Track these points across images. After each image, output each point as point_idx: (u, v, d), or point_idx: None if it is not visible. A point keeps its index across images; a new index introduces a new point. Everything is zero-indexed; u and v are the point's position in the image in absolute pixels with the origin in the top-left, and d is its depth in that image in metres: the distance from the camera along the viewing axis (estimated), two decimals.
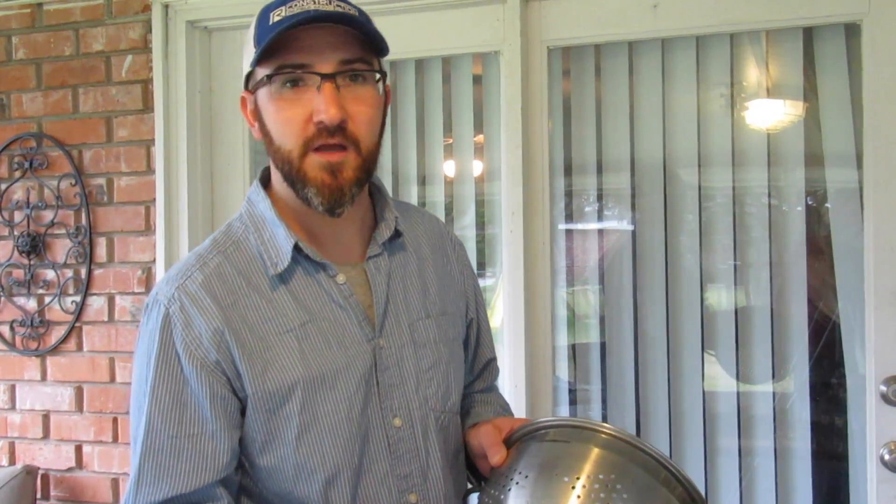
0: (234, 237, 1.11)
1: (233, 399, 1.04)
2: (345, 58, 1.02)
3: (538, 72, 2.11)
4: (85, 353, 2.38)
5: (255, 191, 1.14)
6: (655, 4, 2.02)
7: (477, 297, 1.33)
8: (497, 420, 1.14)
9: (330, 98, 1.00)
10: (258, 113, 1.07)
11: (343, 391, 1.06)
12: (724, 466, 2.08)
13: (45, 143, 2.41)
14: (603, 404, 2.19)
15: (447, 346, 1.19)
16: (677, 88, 2.10)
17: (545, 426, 1.04)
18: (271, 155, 1.07)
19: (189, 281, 1.06)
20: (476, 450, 1.13)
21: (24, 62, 2.43)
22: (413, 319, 1.15)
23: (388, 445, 1.09)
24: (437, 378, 1.16)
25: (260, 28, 1.03)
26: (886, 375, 1.86)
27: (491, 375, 1.38)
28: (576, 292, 2.24)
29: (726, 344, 2.08)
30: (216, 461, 1.03)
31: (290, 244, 1.07)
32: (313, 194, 1.03)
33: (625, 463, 0.95)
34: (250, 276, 1.07)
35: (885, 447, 1.87)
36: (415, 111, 2.30)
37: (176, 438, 1.02)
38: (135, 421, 1.05)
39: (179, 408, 1.02)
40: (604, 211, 2.22)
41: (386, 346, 1.11)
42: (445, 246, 1.28)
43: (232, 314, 1.04)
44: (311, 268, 1.09)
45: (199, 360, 1.02)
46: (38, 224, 2.41)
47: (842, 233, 1.99)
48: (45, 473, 2.40)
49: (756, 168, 2.06)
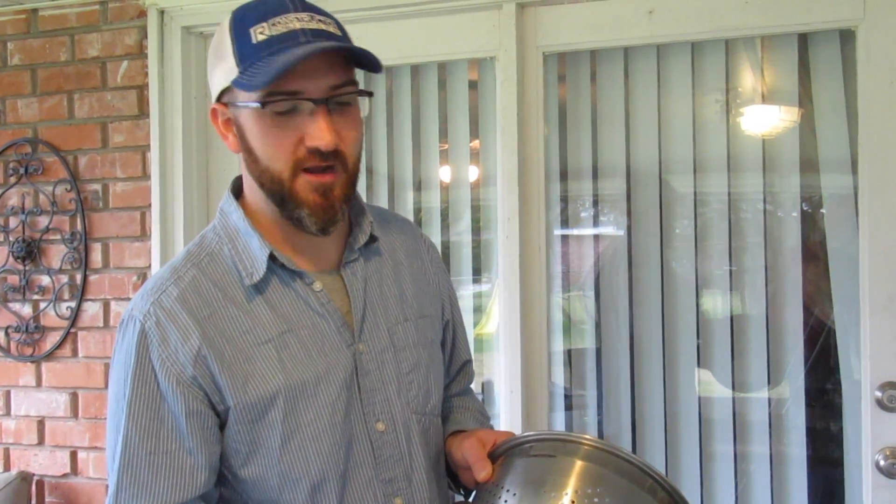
0: (207, 249, 1.11)
1: (210, 414, 1.04)
2: (335, 83, 1.02)
3: (534, 77, 2.11)
4: (80, 359, 2.37)
5: (227, 201, 1.13)
6: (651, 11, 2.02)
7: (452, 299, 1.33)
8: (480, 433, 1.14)
9: (325, 125, 1.00)
10: (239, 129, 1.06)
11: (325, 398, 1.06)
12: (720, 472, 2.08)
13: (41, 148, 2.41)
14: (598, 410, 2.19)
15: (426, 349, 1.20)
16: (673, 94, 2.10)
17: (529, 440, 1.04)
18: (255, 173, 1.06)
19: (164, 295, 1.05)
20: (459, 462, 1.13)
21: (19, 68, 2.43)
22: (392, 323, 1.15)
23: (373, 450, 1.09)
24: (418, 381, 1.16)
25: (240, 44, 1.01)
26: (882, 381, 1.86)
27: (466, 378, 1.38)
28: (571, 298, 2.24)
29: (721, 349, 2.08)
30: (195, 477, 1.02)
31: (264, 254, 1.07)
32: (306, 215, 1.03)
33: (609, 474, 0.96)
34: (226, 288, 1.07)
35: (880, 453, 1.86)
36: (410, 116, 2.31)
37: (154, 455, 1.01)
38: (112, 437, 1.04)
39: (156, 424, 1.02)
40: (599, 216, 2.22)
41: (366, 350, 1.11)
42: (420, 248, 1.29)
43: (209, 327, 1.04)
44: (286, 277, 1.09)
45: (176, 376, 1.02)
46: (34, 230, 2.41)
47: (837, 238, 2.00)
48: (40, 479, 2.40)
49: (751, 174, 2.06)
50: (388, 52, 2.21)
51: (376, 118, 2.33)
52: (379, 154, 2.33)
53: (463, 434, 1.19)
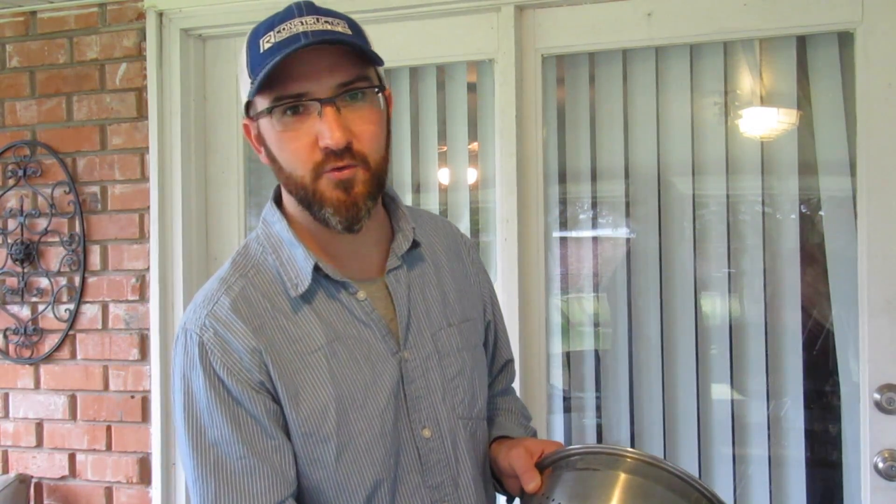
0: (253, 259, 1.11)
1: (282, 413, 1.04)
2: (342, 80, 1.01)
3: (532, 80, 2.11)
4: (79, 362, 2.37)
5: (270, 211, 1.13)
6: (649, 13, 2.02)
7: (493, 299, 1.33)
8: (527, 443, 1.14)
9: (333, 123, 0.99)
10: (263, 140, 1.06)
11: (374, 407, 1.06)
12: (719, 474, 2.08)
13: (39, 150, 2.40)
14: (597, 412, 2.19)
15: (470, 353, 1.20)
16: (671, 96, 2.10)
17: (576, 453, 1.05)
18: (282, 180, 1.06)
19: (217, 306, 1.05)
20: (506, 470, 1.14)
21: (17, 70, 2.43)
22: (435, 329, 1.15)
23: (419, 457, 1.10)
24: (463, 386, 1.16)
25: (252, 56, 1.02)
26: (880, 383, 1.87)
27: (508, 377, 1.38)
28: (570, 300, 2.24)
29: (721, 351, 2.08)
30: (287, 473, 1.03)
31: (309, 264, 1.06)
32: (330, 214, 1.02)
33: (654, 487, 0.97)
34: (273, 299, 1.07)
35: (878, 455, 1.87)
36: (409, 119, 2.31)
37: (245, 459, 1.01)
38: (194, 461, 1.03)
39: (239, 429, 1.01)
40: (598, 219, 2.22)
41: (410, 358, 1.11)
42: (460, 250, 1.28)
43: (261, 337, 1.04)
44: (331, 287, 1.08)
45: (245, 381, 1.02)
46: (32, 232, 2.41)
47: (835, 240, 2.00)
48: (39, 482, 2.40)
49: (750, 176, 2.06)
50: (387, 54, 2.19)
51: None
52: None
53: (510, 442, 1.18)
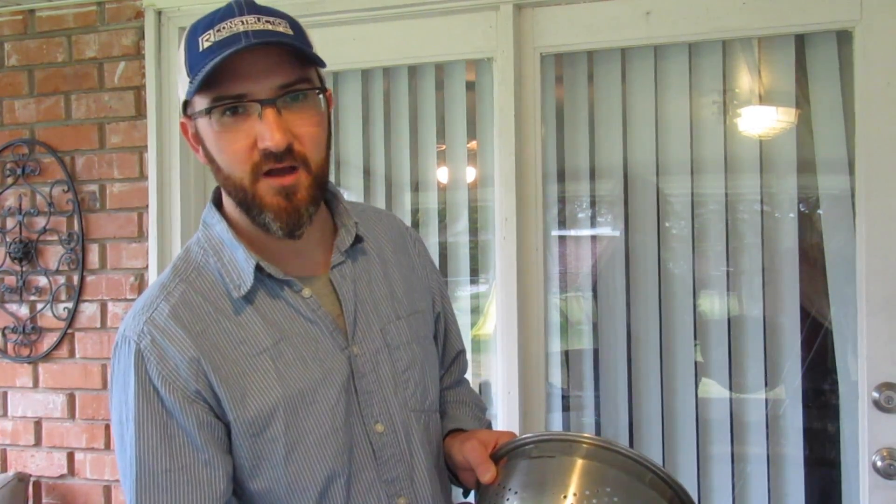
0: (194, 262, 1.09)
1: (219, 424, 1.03)
2: (283, 82, 0.99)
3: (531, 78, 2.11)
4: (77, 360, 2.37)
5: (209, 213, 1.12)
6: (648, 12, 2.02)
7: (441, 290, 1.33)
8: (480, 434, 1.14)
9: (273, 124, 0.98)
10: (201, 139, 1.05)
11: (324, 404, 1.05)
12: (717, 473, 2.08)
13: (38, 149, 2.40)
14: (596, 411, 2.19)
15: (420, 346, 1.19)
16: (670, 95, 2.10)
17: (530, 441, 1.05)
18: (221, 181, 1.05)
19: (156, 313, 1.04)
20: (461, 464, 1.13)
21: (16, 69, 2.43)
22: (384, 323, 1.15)
23: (373, 452, 1.09)
24: (415, 378, 1.16)
25: (190, 54, 1.01)
26: (879, 382, 1.87)
27: (460, 368, 1.38)
28: (569, 298, 2.24)
29: (719, 350, 2.08)
30: (213, 488, 1.01)
31: (251, 265, 1.05)
32: (271, 220, 1.02)
33: (610, 470, 0.97)
34: (216, 301, 1.06)
35: (877, 454, 1.87)
36: (408, 117, 2.30)
37: (170, 472, 0.99)
38: (123, 463, 1.03)
39: (167, 441, 1.00)
40: (597, 217, 2.22)
41: (360, 352, 1.10)
42: (406, 243, 1.28)
43: (204, 342, 1.02)
44: (275, 286, 1.08)
45: (180, 391, 1.00)
46: (31, 231, 2.41)
47: (834, 239, 2.00)
48: (37, 480, 2.40)
49: (748, 175, 2.06)
50: (385, 53, 2.21)
51: (374, 119, 2.33)
52: (376, 155, 2.33)
53: (463, 435, 1.18)
